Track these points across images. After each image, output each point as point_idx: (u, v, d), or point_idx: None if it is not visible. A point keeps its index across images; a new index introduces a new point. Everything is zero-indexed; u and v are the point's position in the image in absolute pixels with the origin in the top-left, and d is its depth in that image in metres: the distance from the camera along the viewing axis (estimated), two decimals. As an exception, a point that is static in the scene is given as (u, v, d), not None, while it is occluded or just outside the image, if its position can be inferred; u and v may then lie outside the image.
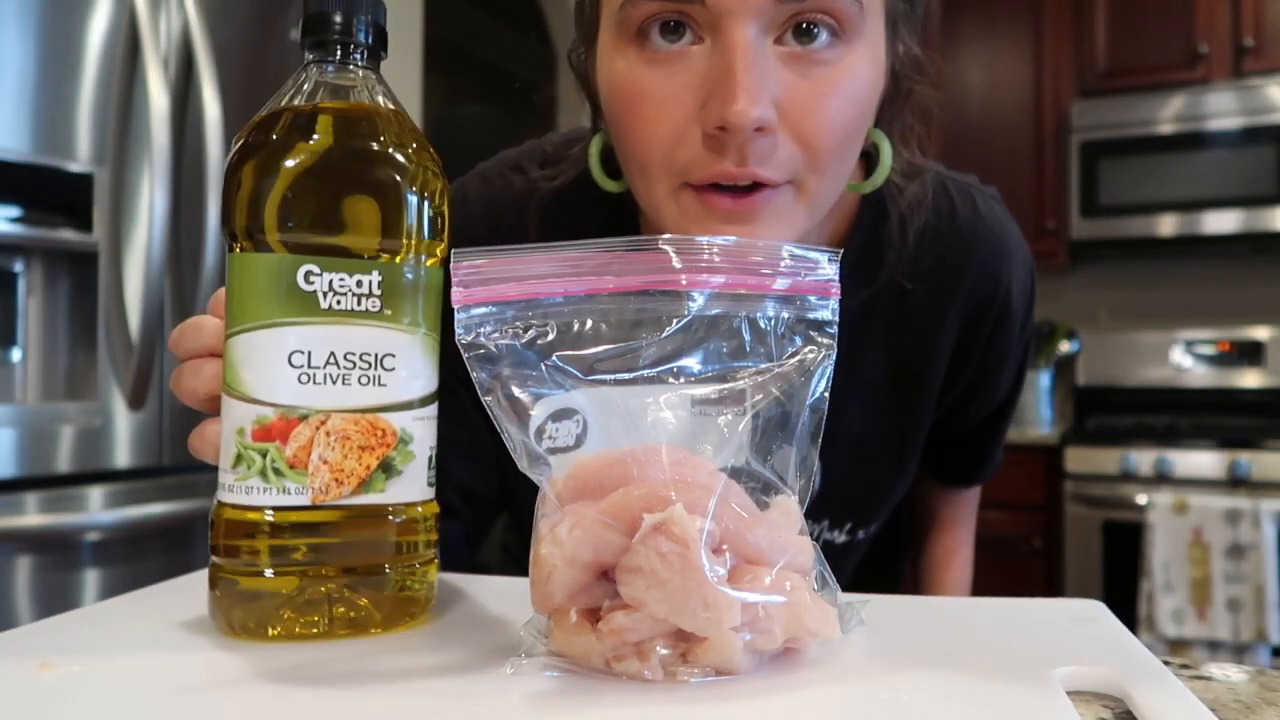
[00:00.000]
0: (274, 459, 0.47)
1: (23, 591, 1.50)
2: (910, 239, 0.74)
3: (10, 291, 1.60)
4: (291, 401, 0.47)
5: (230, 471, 0.47)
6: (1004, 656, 0.46)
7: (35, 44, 1.52)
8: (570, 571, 0.43)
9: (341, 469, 0.48)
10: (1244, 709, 0.43)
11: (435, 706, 0.40)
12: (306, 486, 0.47)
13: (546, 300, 0.44)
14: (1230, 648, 2.40)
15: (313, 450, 0.47)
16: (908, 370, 0.79)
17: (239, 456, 0.47)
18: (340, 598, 0.49)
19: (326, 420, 0.47)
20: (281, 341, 0.47)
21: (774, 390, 0.46)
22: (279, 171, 0.47)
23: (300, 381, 0.47)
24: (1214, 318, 3.13)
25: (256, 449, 0.47)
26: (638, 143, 0.61)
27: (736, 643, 0.42)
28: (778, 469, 0.46)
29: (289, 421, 0.47)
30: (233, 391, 0.47)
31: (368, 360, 0.48)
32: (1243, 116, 2.76)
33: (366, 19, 0.50)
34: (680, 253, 0.44)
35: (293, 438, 0.47)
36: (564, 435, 0.44)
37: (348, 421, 0.48)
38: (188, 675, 0.44)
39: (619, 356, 0.44)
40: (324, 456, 0.47)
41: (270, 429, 0.47)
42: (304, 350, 0.47)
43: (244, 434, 0.47)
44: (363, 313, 0.48)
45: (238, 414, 0.47)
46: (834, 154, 0.60)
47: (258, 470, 0.47)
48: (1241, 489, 2.49)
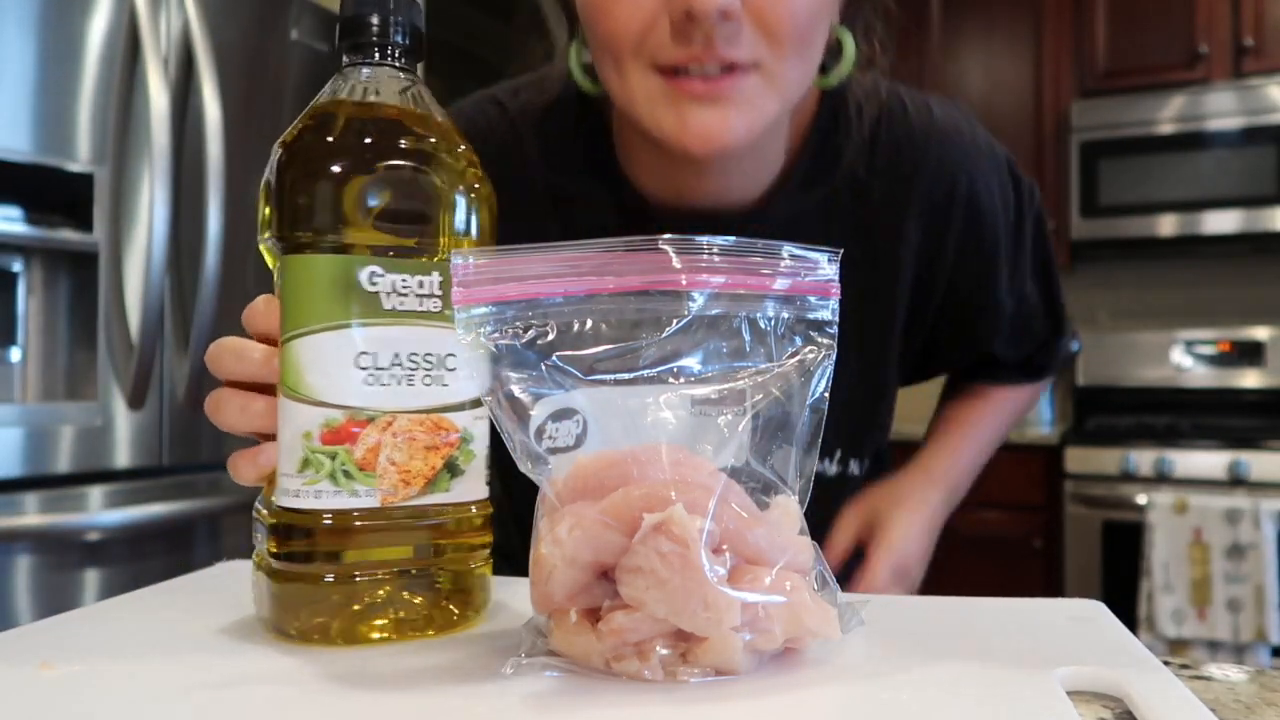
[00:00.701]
0: (343, 462, 0.46)
1: (23, 591, 1.50)
2: (866, 128, 0.76)
3: (10, 291, 1.60)
4: (359, 403, 0.47)
5: (296, 476, 0.47)
6: (1004, 656, 0.46)
7: (35, 44, 1.52)
8: (570, 571, 0.43)
9: (409, 470, 0.48)
10: (1244, 709, 0.43)
11: (435, 706, 0.40)
12: (375, 488, 0.47)
13: (546, 300, 0.44)
14: (1230, 648, 2.40)
15: (380, 452, 0.47)
16: (874, 276, 0.79)
17: (306, 460, 0.46)
18: (400, 600, 0.49)
19: (393, 422, 0.47)
20: (348, 343, 0.47)
21: (774, 390, 0.46)
22: (342, 173, 0.47)
23: (367, 383, 0.47)
24: (1214, 318, 3.13)
25: (325, 452, 0.46)
26: (609, 34, 0.63)
27: (736, 643, 0.42)
28: (778, 469, 0.46)
29: (357, 424, 0.47)
30: (297, 395, 0.46)
31: (430, 360, 0.48)
32: (1243, 116, 2.76)
33: (403, 20, 0.50)
34: (680, 253, 0.44)
35: (361, 440, 0.47)
36: (564, 435, 0.44)
37: (413, 423, 0.47)
38: (188, 675, 0.44)
39: (619, 356, 0.44)
40: (392, 458, 0.47)
41: (339, 431, 0.46)
42: (370, 352, 0.47)
43: (311, 437, 0.46)
44: (424, 313, 0.48)
45: (304, 417, 0.46)
46: (796, 41, 0.62)
47: (327, 473, 0.46)
48: (1241, 489, 2.49)
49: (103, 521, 1.58)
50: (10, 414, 1.52)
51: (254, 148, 1.87)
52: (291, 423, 0.47)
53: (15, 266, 1.60)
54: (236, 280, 1.81)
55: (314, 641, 0.48)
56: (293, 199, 0.47)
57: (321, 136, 0.48)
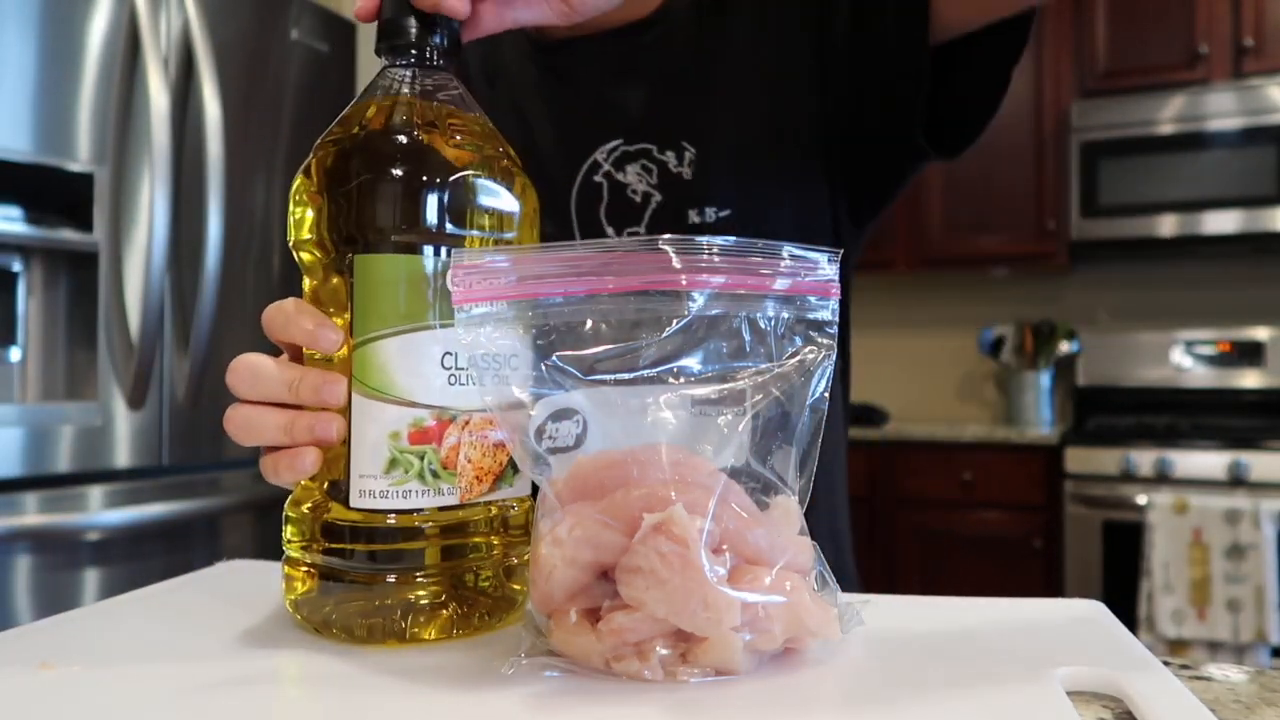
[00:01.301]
0: (430, 461, 0.47)
1: (23, 591, 1.50)
2: None
3: (10, 291, 1.60)
4: (444, 403, 0.47)
5: (383, 477, 0.46)
6: (1004, 656, 0.46)
7: (35, 44, 1.52)
8: (570, 571, 0.43)
9: (482, 466, 0.48)
10: (1244, 709, 0.43)
11: (435, 706, 0.40)
12: (456, 486, 0.47)
13: (546, 300, 0.44)
14: (1230, 648, 2.40)
15: (460, 451, 0.47)
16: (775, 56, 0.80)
17: (394, 461, 0.46)
18: (461, 594, 0.49)
19: (470, 420, 0.48)
20: (435, 343, 0.47)
21: (774, 390, 0.46)
22: (417, 173, 0.47)
23: (450, 383, 0.47)
24: (1214, 318, 3.13)
25: (414, 452, 0.46)
26: None
27: (736, 643, 0.42)
28: (778, 469, 0.46)
29: (442, 424, 0.47)
30: (384, 395, 0.46)
31: (499, 360, 0.48)
32: (1243, 116, 2.76)
33: (441, 22, 0.51)
34: (680, 253, 0.44)
35: (445, 439, 0.47)
36: (564, 435, 0.44)
37: (484, 421, 0.48)
38: (188, 675, 0.44)
39: (619, 356, 0.44)
40: (469, 456, 0.48)
41: (428, 432, 0.46)
42: (453, 352, 0.47)
43: (399, 437, 0.46)
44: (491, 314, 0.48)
45: (390, 417, 0.46)
46: None
47: (416, 473, 0.46)
48: (1241, 489, 2.49)
49: (103, 521, 1.58)
50: (10, 414, 1.52)
51: (254, 148, 1.87)
52: (377, 423, 0.46)
53: (15, 266, 1.60)
54: (236, 280, 1.81)
55: (374, 641, 0.47)
56: (364, 199, 0.47)
57: (389, 137, 0.48)
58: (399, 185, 0.47)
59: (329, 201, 0.48)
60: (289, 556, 0.50)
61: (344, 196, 0.47)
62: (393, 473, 0.46)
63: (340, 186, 0.47)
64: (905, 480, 2.86)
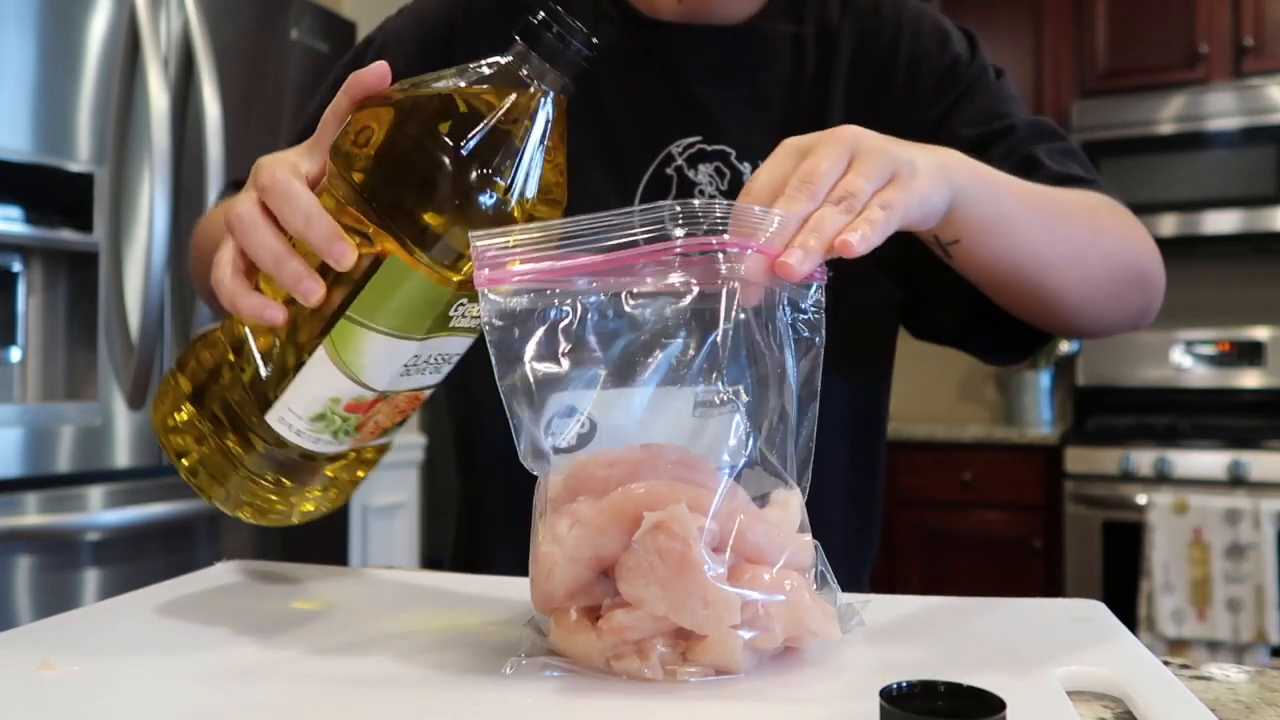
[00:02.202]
0: (350, 425, 0.51)
1: (23, 591, 1.50)
2: None
3: (10, 291, 1.60)
4: (389, 388, 0.51)
5: (306, 420, 0.50)
6: (1004, 656, 0.46)
7: (35, 44, 1.52)
8: (571, 569, 0.43)
9: (382, 427, 0.53)
10: (1244, 709, 0.43)
11: (435, 706, 0.40)
12: (354, 438, 0.53)
13: (550, 301, 0.44)
14: (1230, 648, 2.40)
15: (374, 416, 0.52)
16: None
17: (323, 416, 0.50)
18: None
19: (398, 395, 0.52)
20: (409, 350, 0.50)
21: (772, 386, 0.46)
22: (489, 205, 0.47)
23: (402, 374, 0.51)
24: (1214, 318, 3.13)
25: (343, 416, 0.51)
26: None
27: (736, 641, 0.42)
28: (778, 465, 0.46)
29: (378, 400, 0.51)
30: (345, 369, 0.49)
31: (452, 359, 0.53)
32: (1243, 116, 2.76)
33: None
34: (684, 253, 0.44)
35: (372, 411, 0.51)
36: (569, 434, 0.45)
37: (406, 399, 0.53)
38: (187, 675, 0.44)
39: (625, 356, 0.44)
40: (378, 421, 0.52)
41: (361, 405, 0.51)
42: (421, 355, 0.50)
43: (339, 403, 0.50)
44: (472, 329, 0.52)
45: (339, 386, 0.49)
46: None
47: (332, 430, 0.51)
48: (1241, 489, 2.49)
49: (103, 521, 1.58)
50: (10, 414, 1.52)
51: (254, 148, 1.87)
52: (326, 384, 0.50)
53: (15, 266, 1.60)
54: (236, 280, 1.81)
55: (228, 506, 0.55)
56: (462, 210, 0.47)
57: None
58: (473, 214, 0.47)
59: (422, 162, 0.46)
60: (178, 382, 0.54)
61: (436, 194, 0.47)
62: (316, 424, 0.50)
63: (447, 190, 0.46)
64: (905, 480, 2.85)
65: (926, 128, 0.77)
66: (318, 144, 0.52)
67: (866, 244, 0.47)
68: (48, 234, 1.55)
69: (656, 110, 0.78)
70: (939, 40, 0.81)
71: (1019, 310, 0.74)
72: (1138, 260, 0.74)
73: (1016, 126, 0.78)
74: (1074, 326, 0.76)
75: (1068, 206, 0.70)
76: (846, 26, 0.81)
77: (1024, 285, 0.69)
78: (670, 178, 0.77)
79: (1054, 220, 0.68)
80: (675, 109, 0.78)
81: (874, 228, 0.48)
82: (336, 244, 0.47)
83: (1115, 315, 0.77)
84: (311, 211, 0.47)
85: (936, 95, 0.79)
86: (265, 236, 0.49)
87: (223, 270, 0.51)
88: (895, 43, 0.80)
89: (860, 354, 0.81)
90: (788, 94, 0.79)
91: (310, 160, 0.52)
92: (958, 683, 0.36)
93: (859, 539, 0.85)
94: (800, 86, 0.79)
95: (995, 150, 0.74)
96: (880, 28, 0.81)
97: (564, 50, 0.48)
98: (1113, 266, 0.73)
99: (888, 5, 0.82)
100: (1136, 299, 0.76)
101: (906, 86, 0.79)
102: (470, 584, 0.63)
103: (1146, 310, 0.78)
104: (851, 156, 0.50)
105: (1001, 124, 0.78)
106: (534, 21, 0.49)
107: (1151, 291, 0.77)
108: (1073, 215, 0.70)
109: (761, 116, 0.78)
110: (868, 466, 0.86)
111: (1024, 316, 0.75)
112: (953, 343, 0.84)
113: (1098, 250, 0.71)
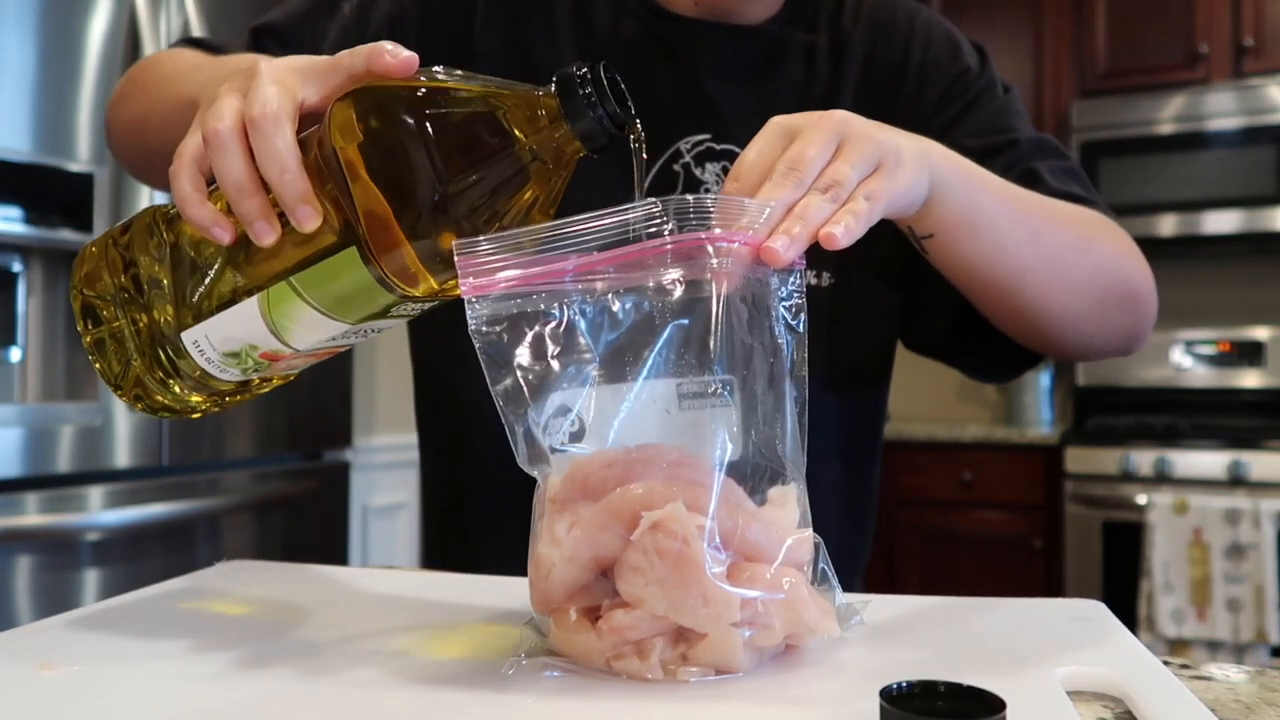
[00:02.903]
0: (260, 367, 0.52)
1: (23, 591, 1.50)
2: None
3: (10, 291, 1.60)
4: (309, 349, 0.51)
5: (220, 354, 0.51)
6: (1004, 656, 0.46)
7: (35, 44, 1.52)
8: (570, 570, 0.43)
9: (293, 368, 0.54)
10: (1244, 709, 0.43)
11: (435, 706, 0.40)
12: (262, 375, 0.54)
13: (546, 299, 0.44)
14: (1230, 648, 2.40)
15: (289, 363, 0.53)
16: None
17: (237, 355, 0.51)
18: None
19: (317, 351, 0.53)
20: (340, 328, 0.50)
21: (763, 378, 0.46)
22: None
23: (325, 342, 0.51)
24: (1214, 318, 3.13)
25: (255, 360, 0.52)
26: None
27: (736, 639, 0.42)
28: (772, 455, 0.46)
29: (294, 355, 0.51)
30: (270, 324, 0.49)
31: (382, 330, 0.53)
32: (1243, 116, 2.76)
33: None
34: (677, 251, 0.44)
35: (286, 360, 0.52)
36: (561, 432, 0.44)
37: (327, 353, 0.53)
38: (187, 675, 0.44)
39: (616, 353, 0.44)
40: (291, 365, 0.53)
41: (278, 356, 0.51)
42: (352, 332, 0.51)
43: (255, 349, 0.51)
44: (406, 315, 0.51)
45: (260, 337, 0.50)
46: None
47: (242, 368, 0.52)
48: (1241, 489, 2.49)
49: (103, 521, 1.58)
50: (10, 414, 1.52)
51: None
52: (248, 331, 0.50)
53: (15, 266, 1.60)
54: (236, 280, 1.81)
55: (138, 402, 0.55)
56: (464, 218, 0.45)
57: None
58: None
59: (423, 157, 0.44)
60: (111, 250, 0.53)
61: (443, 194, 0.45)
62: (228, 359, 0.51)
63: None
64: (905, 480, 2.85)
65: (930, 137, 0.77)
66: (323, 77, 0.48)
67: (850, 236, 0.47)
68: (48, 234, 1.55)
69: (667, 105, 0.78)
70: (950, 51, 0.82)
71: (1001, 321, 0.73)
72: (1129, 279, 0.73)
73: (1020, 141, 0.78)
74: (1058, 344, 0.75)
75: (1056, 214, 0.69)
76: (860, 35, 0.81)
77: (1003, 291, 0.68)
78: (677, 174, 0.77)
79: (1039, 225, 0.67)
80: (686, 105, 0.78)
81: (857, 219, 0.48)
82: (302, 207, 0.45)
83: (1103, 335, 0.76)
84: (288, 164, 0.45)
85: (942, 105, 0.80)
86: (236, 162, 0.46)
87: (182, 164, 0.49)
88: (907, 52, 0.81)
89: (857, 361, 0.81)
90: (798, 99, 0.79)
91: (313, 88, 0.48)
92: (958, 683, 0.36)
93: (851, 546, 0.85)
94: (811, 92, 0.79)
95: (997, 162, 0.74)
96: (893, 37, 0.81)
97: (597, 121, 0.46)
98: (1100, 282, 0.71)
99: (902, 16, 0.83)
100: (1124, 320, 0.75)
101: (914, 96, 0.80)
102: (470, 584, 0.63)
103: (1135, 334, 0.77)
104: (840, 142, 0.50)
105: (1005, 137, 0.78)
106: (577, 76, 0.46)
107: (1141, 315, 0.76)
108: (1061, 223, 0.69)
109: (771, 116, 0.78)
110: (863, 474, 0.86)
111: (1008, 329, 0.74)
112: (943, 356, 0.84)
113: (1085, 262, 0.70)
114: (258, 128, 0.46)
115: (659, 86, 0.78)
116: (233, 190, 0.47)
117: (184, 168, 0.49)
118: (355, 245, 0.46)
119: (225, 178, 0.47)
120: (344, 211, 0.46)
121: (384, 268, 0.46)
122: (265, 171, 0.46)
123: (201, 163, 0.49)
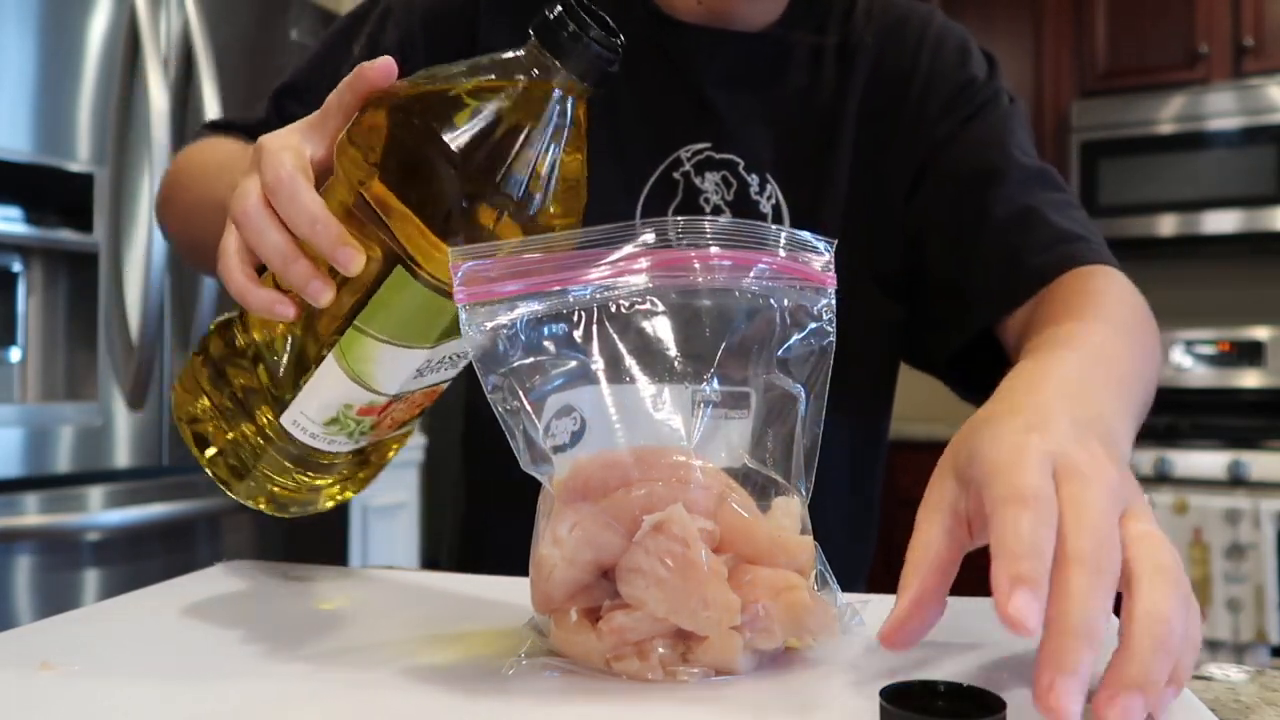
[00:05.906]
0: (364, 426, 0.51)
1: (23, 591, 1.50)
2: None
3: (10, 291, 1.60)
4: (403, 391, 0.50)
5: (320, 424, 0.50)
6: (1004, 656, 0.46)
7: (35, 44, 1.52)
8: (571, 571, 0.43)
9: (399, 421, 0.54)
10: (1244, 709, 0.43)
11: (435, 706, 0.40)
12: (369, 436, 0.52)
13: (548, 300, 0.44)
14: (1230, 648, 2.40)
15: (389, 414, 0.52)
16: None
17: (336, 420, 0.50)
18: None
19: (414, 394, 0.52)
20: (420, 357, 0.49)
21: (776, 387, 0.46)
22: None
23: (415, 377, 0.50)
24: (1214, 318, 3.13)
25: (356, 420, 0.51)
26: None
27: (737, 642, 0.42)
28: (779, 468, 0.46)
29: (391, 403, 0.51)
30: (356, 377, 0.49)
31: (469, 354, 0.50)
32: (1243, 116, 2.76)
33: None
34: (680, 251, 0.44)
35: (387, 411, 0.51)
36: (563, 433, 0.44)
37: (425, 394, 0.53)
38: (187, 675, 0.44)
39: (620, 354, 0.44)
40: (394, 417, 0.52)
41: (374, 409, 0.50)
42: (433, 359, 0.50)
43: (351, 408, 0.50)
44: None
45: (352, 393, 0.49)
46: None
47: (347, 432, 0.51)
48: (1241, 489, 2.49)
49: (103, 521, 1.58)
50: (10, 414, 1.52)
51: (254, 148, 1.86)
52: (338, 390, 0.49)
53: (15, 266, 1.60)
54: (236, 280, 1.81)
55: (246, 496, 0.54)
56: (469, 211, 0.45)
57: None
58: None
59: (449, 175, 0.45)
60: (196, 371, 0.53)
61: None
62: (330, 427, 0.50)
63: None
64: (905, 480, 2.85)
65: (930, 147, 0.78)
66: (321, 127, 0.50)
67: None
68: (48, 234, 1.55)
69: (668, 112, 0.77)
70: (958, 58, 0.81)
71: None
72: (1154, 384, 0.68)
73: (1012, 170, 0.75)
74: None
75: (1144, 372, 0.63)
76: (868, 40, 0.80)
77: None
78: (677, 182, 0.76)
79: (1144, 400, 0.62)
80: (687, 112, 0.77)
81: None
82: (342, 249, 0.46)
83: None
84: (317, 214, 0.46)
85: (945, 112, 0.79)
86: (272, 236, 0.47)
87: (229, 261, 0.50)
88: (915, 58, 0.80)
89: (860, 377, 0.81)
90: (802, 107, 0.79)
91: (314, 143, 0.50)
92: (958, 683, 0.36)
93: (852, 556, 0.85)
94: (815, 100, 0.79)
95: (993, 195, 0.74)
96: (903, 43, 0.80)
97: (584, 51, 0.45)
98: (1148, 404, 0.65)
99: (914, 22, 0.81)
100: None
101: (919, 103, 0.79)
102: (470, 584, 0.63)
103: None
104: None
105: (1002, 157, 0.76)
106: (550, 18, 0.45)
107: None
108: (1147, 380, 0.64)
109: (772, 129, 0.78)
110: (865, 489, 0.86)
111: None
112: (941, 376, 0.84)
113: (1151, 391, 0.66)
114: (277, 193, 0.47)
115: (659, 92, 0.78)
116: (277, 261, 0.47)
117: (230, 262, 0.50)
118: (400, 264, 0.46)
119: (265, 251, 0.48)
120: (381, 240, 0.46)
121: (431, 273, 0.46)
122: (297, 229, 0.47)
123: (245, 253, 0.50)
